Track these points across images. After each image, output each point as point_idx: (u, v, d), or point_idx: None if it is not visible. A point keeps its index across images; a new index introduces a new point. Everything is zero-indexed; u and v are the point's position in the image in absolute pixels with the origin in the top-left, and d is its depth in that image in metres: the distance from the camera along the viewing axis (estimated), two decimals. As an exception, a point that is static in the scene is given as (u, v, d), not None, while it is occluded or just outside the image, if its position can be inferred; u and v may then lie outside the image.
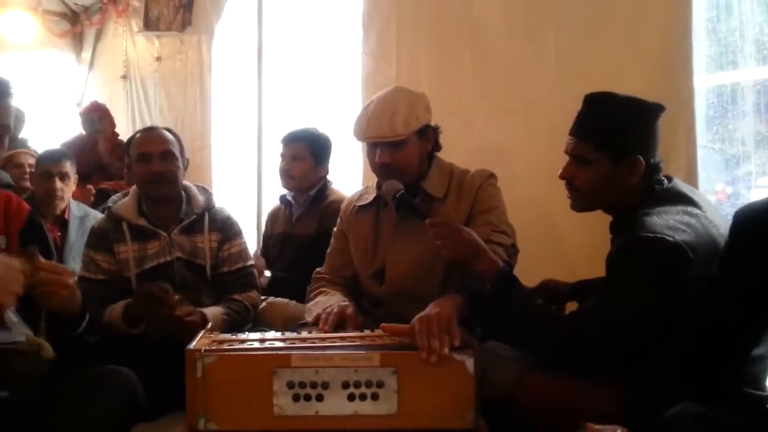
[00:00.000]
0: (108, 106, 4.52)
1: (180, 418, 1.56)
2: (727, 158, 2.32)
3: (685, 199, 1.57)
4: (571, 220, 1.95)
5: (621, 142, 1.61)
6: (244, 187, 4.15)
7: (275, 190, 3.15)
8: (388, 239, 1.98)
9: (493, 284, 1.61)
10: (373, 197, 2.04)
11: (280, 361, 1.47)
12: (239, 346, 1.53)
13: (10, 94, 1.50)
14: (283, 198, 2.93)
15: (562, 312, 1.88)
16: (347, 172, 3.20)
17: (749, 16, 2.15)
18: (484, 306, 1.64)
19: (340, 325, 1.75)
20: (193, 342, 1.53)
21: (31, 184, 3.22)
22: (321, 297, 1.97)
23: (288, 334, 1.67)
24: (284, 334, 1.67)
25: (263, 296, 2.50)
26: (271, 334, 1.69)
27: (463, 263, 1.68)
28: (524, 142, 2.55)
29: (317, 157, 2.79)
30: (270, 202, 3.43)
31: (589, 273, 1.87)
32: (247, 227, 3.10)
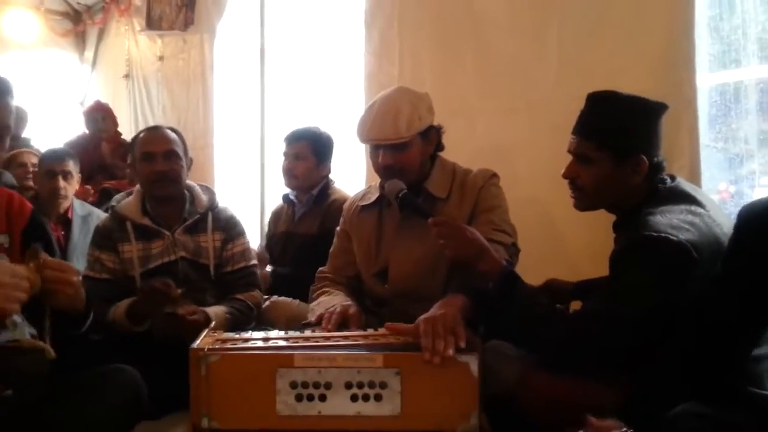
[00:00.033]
0: (111, 106, 4.53)
1: (183, 417, 1.56)
2: (730, 157, 2.31)
3: (688, 198, 1.57)
4: (574, 220, 1.94)
5: (624, 141, 1.61)
6: (247, 186, 4.15)
7: (278, 189, 3.15)
8: (391, 239, 1.98)
9: (496, 283, 1.61)
10: (376, 197, 2.04)
11: (284, 360, 1.47)
12: (243, 346, 1.53)
13: (11, 94, 1.49)
14: (285, 197, 2.93)
15: (567, 311, 1.88)
16: (350, 171, 3.20)
17: (752, 14, 2.14)
18: (488, 305, 1.64)
19: (344, 325, 1.75)
20: (197, 341, 1.53)
21: (34, 184, 3.23)
22: (324, 296, 1.97)
23: (291, 333, 1.66)
24: (287, 333, 1.66)
25: (266, 295, 2.50)
26: (274, 334, 1.68)
27: (467, 262, 1.68)
28: (527, 142, 2.55)
29: (319, 156, 2.80)
30: (273, 201, 3.43)
31: (592, 272, 1.87)
32: (250, 226, 3.11)
